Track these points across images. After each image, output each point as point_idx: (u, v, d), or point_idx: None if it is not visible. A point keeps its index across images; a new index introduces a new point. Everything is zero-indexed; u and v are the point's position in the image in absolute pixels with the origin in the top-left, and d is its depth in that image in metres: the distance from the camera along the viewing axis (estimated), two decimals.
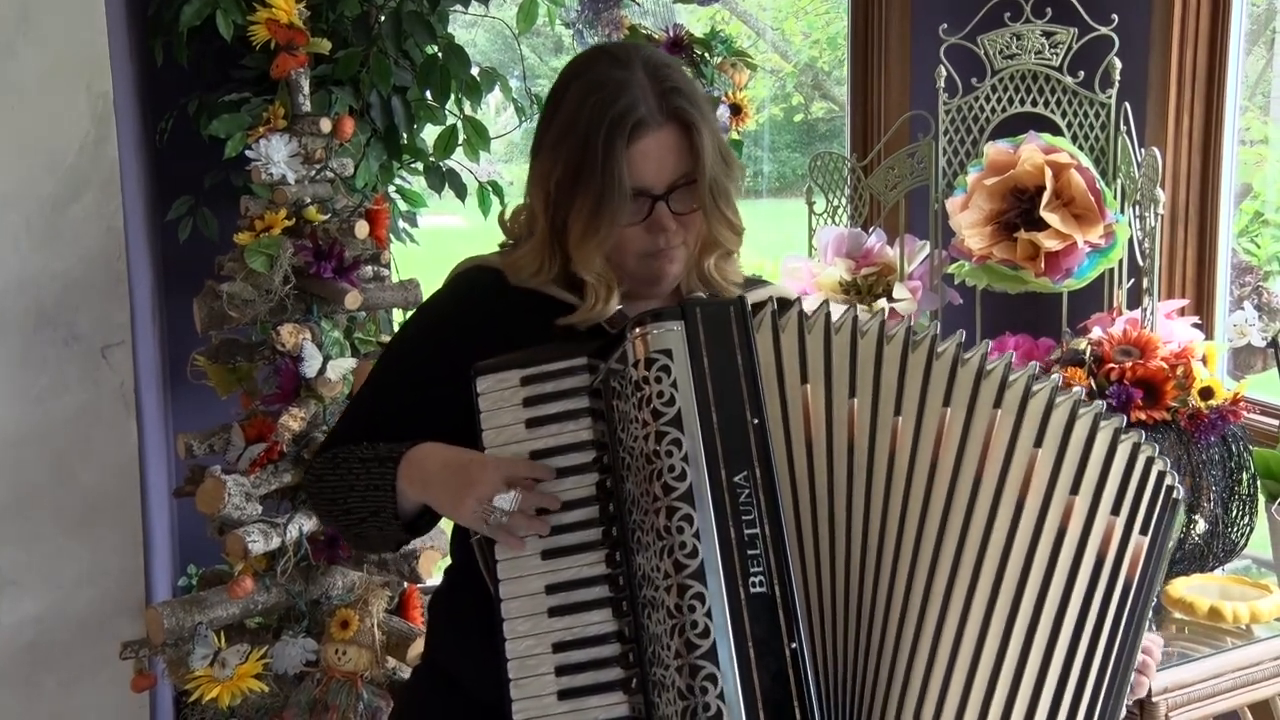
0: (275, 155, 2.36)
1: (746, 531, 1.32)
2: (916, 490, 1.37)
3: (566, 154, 1.49)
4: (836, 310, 1.41)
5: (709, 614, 1.30)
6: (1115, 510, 1.38)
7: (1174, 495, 1.41)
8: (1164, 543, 1.41)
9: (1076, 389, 1.41)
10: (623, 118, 1.46)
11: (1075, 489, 1.38)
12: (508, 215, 1.63)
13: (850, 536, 1.37)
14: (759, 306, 1.40)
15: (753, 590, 1.31)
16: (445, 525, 1.66)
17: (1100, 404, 1.41)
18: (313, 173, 2.43)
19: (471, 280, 1.60)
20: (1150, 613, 1.42)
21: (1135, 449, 1.39)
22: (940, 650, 1.34)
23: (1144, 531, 1.39)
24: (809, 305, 1.43)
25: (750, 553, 1.31)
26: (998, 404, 1.38)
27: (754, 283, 1.66)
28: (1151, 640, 1.49)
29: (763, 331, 1.38)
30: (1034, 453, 1.37)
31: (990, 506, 1.36)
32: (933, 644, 1.34)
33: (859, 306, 1.55)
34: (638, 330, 1.36)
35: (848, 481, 1.37)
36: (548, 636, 1.37)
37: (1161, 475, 1.40)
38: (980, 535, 1.36)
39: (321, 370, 2.32)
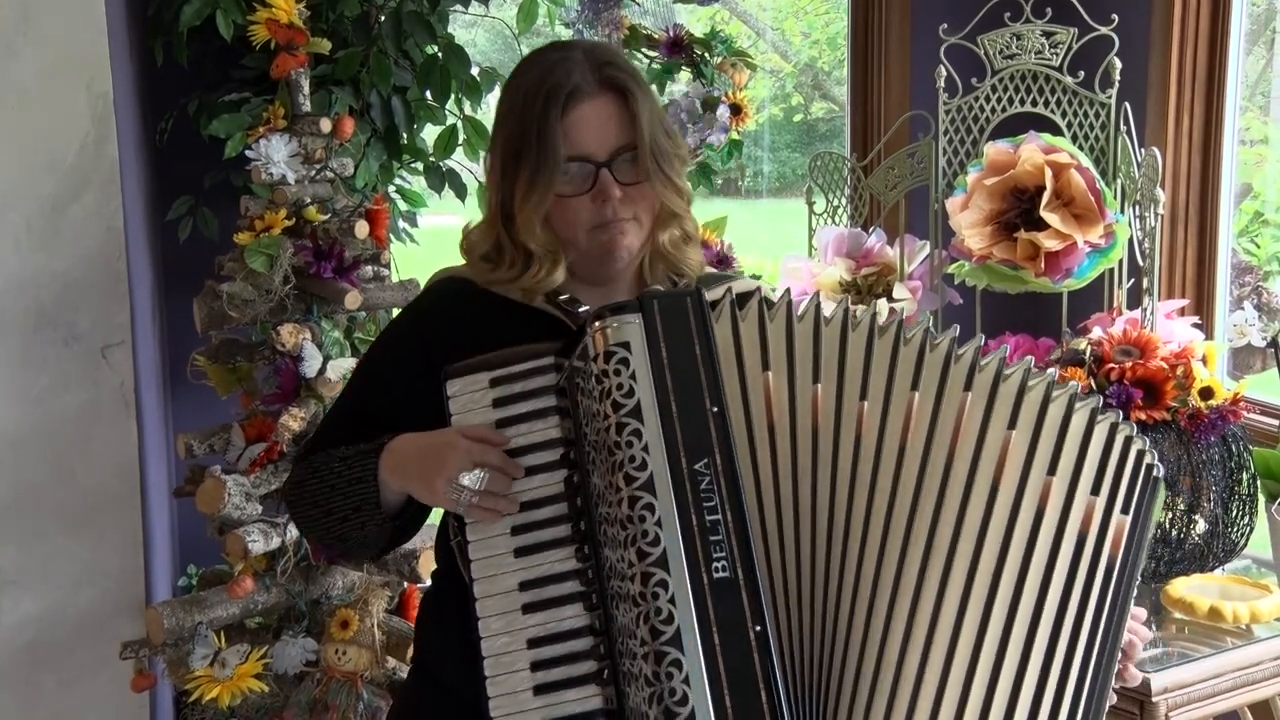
0: (275, 155, 2.36)
1: (708, 518, 1.33)
2: (885, 474, 1.37)
3: (507, 131, 1.56)
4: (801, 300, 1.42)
5: (672, 600, 1.31)
6: (1095, 490, 1.37)
7: (1154, 474, 1.40)
8: (1146, 522, 1.40)
9: (1050, 371, 1.40)
10: (557, 88, 1.52)
11: (1052, 470, 1.37)
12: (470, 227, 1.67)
13: (816, 521, 1.36)
14: (718, 298, 1.42)
15: (716, 575, 1.32)
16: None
17: (1075, 384, 1.40)
18: (313, 173, 2.43)
19: (442, 289, 1.64)
20: (1134, 594, 1.41)
21: (1113, 429, 1.39)
22: (914, 634, 1.33)
23: (1125, 511, 1.38)
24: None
25: (712, 538, 1.32)
26: (968, 387, 1.38)
27: (719, 278, 1.68)
28: (1136, 620, 1.47)
29: (722, 321, 1.39)
30: (1008, 435, 1.37)
31: (964, 489, 1.36)
32: (906, 628, 1.33)
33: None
34: (597, 324, 1.38)
35: (812, 467, 1.37)
36: (522, 633, 1.38)
37: (1141, 454, 1.40)
38: (954, 518, 1.35)
39: (321, 370, 2.32)
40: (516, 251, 1.58)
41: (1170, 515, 2.23)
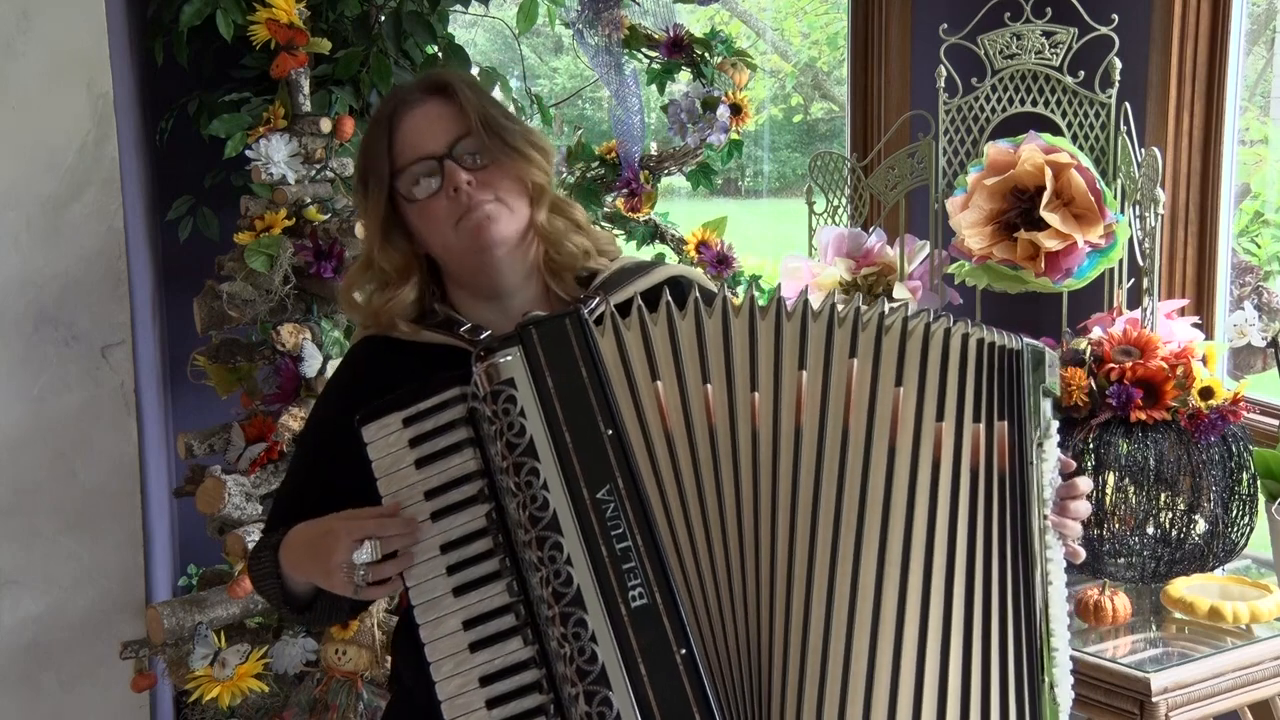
0: (275, 155, 2.36)
1: (618, 546, 1.32)
2: (785, 464, 1.35)
3: (355, 167, 1.61)
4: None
5: (593, 638, 1.31)
6: (976, 417, 1.37)
7: (1010, 353, 1.38)
8: (1021, 408, 1.38)
9: (923, 309, 1.39)
10: (383, 113, 1.56)
11: (940, 414, 1.36)
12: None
13: (725, 527, 1.35)
14: (599, 303, 1.41)
15: (634, 604, 1.31)
16: None
17: (947, 315, 1.39)
18: (313, 172, 2.43)
19: (361, 350, 1.64)
20: (1040, 481, 1.39)
21: (980, 343, 1.38)
22: (834, 623, 1.32)
23: (1002, 416, 1.38)
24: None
25: (625, 566, 1.32)
26: (853, 353, 1.37)
27: (630, 271, 1.63)
28: (1067, 465, 1.45)
29: (606, 336, 1.38)
30: (896, 392, 1.36)
31: (863, 462, 1.35)
32: (825, 619, 1.32)
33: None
34: (481, 363, 1.36)
35: (714, 472, 1.36)
36: (473, 672, 1.37)
37: (1003, 349, 1.38)
38: (858, 494, 1.34)
39: (321, 370, 2.32)
40: (379, 277, 1.59)
41: (1170, 515, 2.23)
